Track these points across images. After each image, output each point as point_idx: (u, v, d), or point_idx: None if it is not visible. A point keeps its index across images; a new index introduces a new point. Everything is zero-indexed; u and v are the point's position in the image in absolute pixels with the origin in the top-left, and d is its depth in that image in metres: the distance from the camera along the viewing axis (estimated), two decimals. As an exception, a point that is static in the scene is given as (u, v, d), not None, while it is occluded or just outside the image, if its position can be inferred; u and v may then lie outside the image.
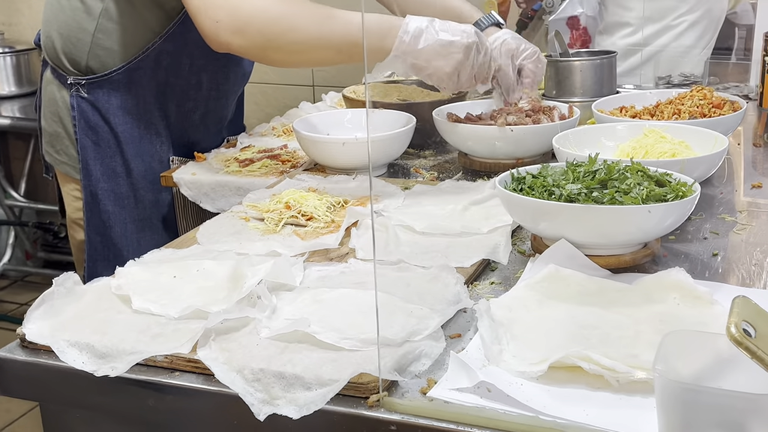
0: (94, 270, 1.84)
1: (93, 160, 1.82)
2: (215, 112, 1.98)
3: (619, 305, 1.12)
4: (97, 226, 1.86)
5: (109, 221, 1.85)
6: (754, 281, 1.22)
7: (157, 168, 1.88)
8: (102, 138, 1.82)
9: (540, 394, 0.95)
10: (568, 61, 2.12)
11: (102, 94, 1.80)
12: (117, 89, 1.80)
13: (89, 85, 1.80)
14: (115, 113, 1.81)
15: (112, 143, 1.82)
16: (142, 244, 1.85)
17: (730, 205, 1.52)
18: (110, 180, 1.84)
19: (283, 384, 0.98)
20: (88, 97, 1.80)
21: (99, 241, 1.86)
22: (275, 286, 1.20)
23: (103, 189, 1.84)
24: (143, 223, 1.87)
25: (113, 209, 1.85)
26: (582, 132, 1.65)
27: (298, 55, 1.60)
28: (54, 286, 1.18)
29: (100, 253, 1.87)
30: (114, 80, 1.80)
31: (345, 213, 1.48)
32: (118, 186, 1.84)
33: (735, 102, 1.77)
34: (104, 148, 1.83)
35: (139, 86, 1.82)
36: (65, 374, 1.07)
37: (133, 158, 1.84)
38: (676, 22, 2.55)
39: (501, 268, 1.30)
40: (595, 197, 1.21)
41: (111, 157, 1.83)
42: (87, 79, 1.79)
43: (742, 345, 0.81)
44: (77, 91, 1.80)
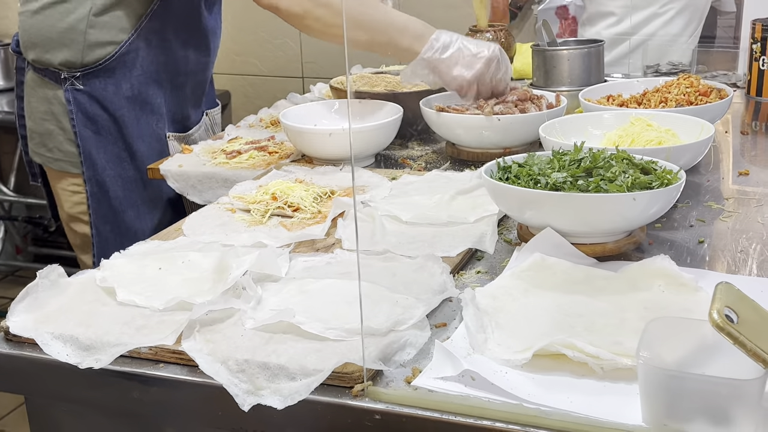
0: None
1: (96, 149, 1.85)
2: (200, 84, 2.04)
3: (605, 293, 1.12)
4: (106, 215, 1.88)
5: (120, 206, 1.88)
6: (740, 268, 1.22)
7: (157, 147, 1.92)
8: (102, 126, 1.85)
9: (524, 382, 0.95)
10: (555, 50, 2.12)
11: (98, 83, 1.83)
12: (111, 76, 1.84)
13: (84, 77, 1.83)
14: (111, 100, 1.85)
15: (112, 130, 1.86)
16: (156, 222, 1.90)
17: (717, 192, 1.52)
18: (116, 166, 1.87)
19: (268, 374, 0.98)
20: (84, 88, 1.83)
21: (108, 230, 1.89)
22: (260, 277, 1.19)
23: (110, 176, 1.87)
24: (153, 202, 1.92)
25: (123, 194, 1.88)
26: (569, 121, 1.64)
27: (336, 29, 1.69)
28: (38, 278, 1.18)
29: (111, 241, 1.88)
30: (108, 68, 1.83)
31: (332, 204, 1.47)
32: (124, 170, 1.88)
33: (722, 90, 1.77)
34: (105, 135, 1.86)
35: (132, 69, 1.86)
36: (50, 367, 1.07)
37: (135, 140, 1.88)
38: (663, 9, 2.55)
39: (487, 258, 1.30)
40: (580, 185, 1.21)
41: (114, 144, 1.87)
42: (81, 71, 1.82)
43: (724, 331, 0.82)
44: (72, 84, 1.83)
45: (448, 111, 1.76)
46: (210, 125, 2.15)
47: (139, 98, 1.88)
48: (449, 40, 1.73)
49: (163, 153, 1.95)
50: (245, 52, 3.61)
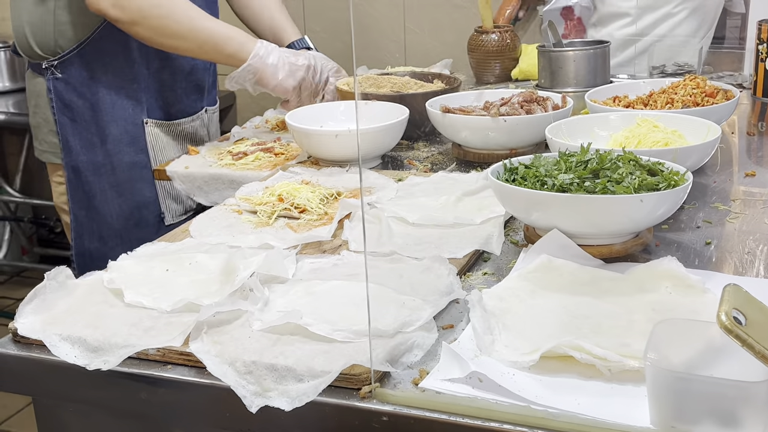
0: (81, 245, 1.93)
1: (72, 136, 1.90)
2: (183, 72, 2.03)
3: (612, 295, 1.12)
4: (81, 199, 1.93)
5: (91, 191, 1.93)
6: (747, 270, 1.22)
7: (132, 131, 1.94)
8: (77, 113, 1.90)
9: (532, 383, 0.95)
10: (561, 52, 2.12)
11: (74, 70, 1.88)
12: (86, 62, 1.88)
13: (62, 65, 1.87)
14: (88, 85, 1.89)
15: (87, 115, 1.91)
16: (123, 209, 1.93)
17: (724, 193, 1.51)
18: (88, 151, 1.91)
19: (275, 376, 0.98)
20: (62, 76, 1.88)
21: (84, 215, 1.94)
22: (267, 278, 1.19)
23: (83, 161, 1.91)
24: (121, 187, 1.93)
25: (93, 179, 1.92)
26: (575, 122, 1.64)
27: (164, 39, 1.83)
28: (46, 280, 1.18)
29: (86, 226, 1.94)
30: (82, 54, 1.87)
31: (338, 205, 1.48)
32: (95, 155, 1.92)
33: (728, 91, 1.77)
34: (80, 122, 1.91)
35: (106, 55, 1.89)
36: (58, 368, 1.07)
37: (108, 124, 1.92)
38: (676, 9, 2.53)
39: (494, 259, 1.30)
40: (587, 187, 1.21)
41: (87, 129, 1.91)
42: (58, 59, 1.87)
43: (732, 333, 0.82)
44: (52, 73, 1.88)
45: (454, 112, 1.76)
46: (206, 122, 2.14)
47: (113, 84, 1.91)
48: (271, 49, 1.88)
49: (137, 138, 1.95)
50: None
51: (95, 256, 1.92)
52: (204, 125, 2.13)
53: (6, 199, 4.03)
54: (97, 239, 1.90)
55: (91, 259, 1.91)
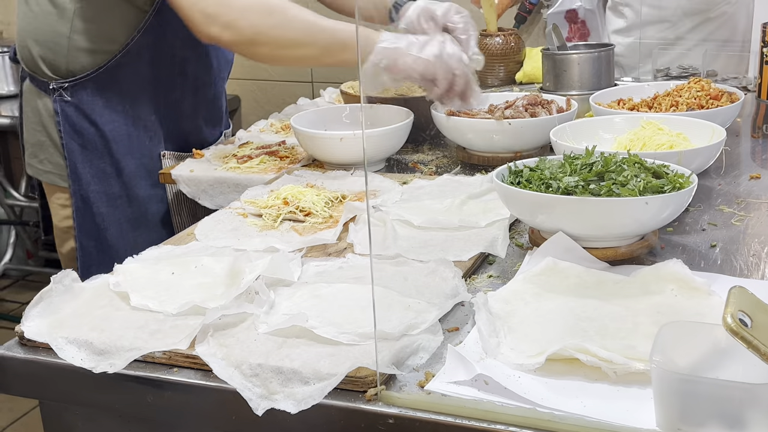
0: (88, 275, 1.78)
1: (81, 163, 1.80)
2: (205, 102, 1.97)
3: (617, 297, 1.12)
4: (90, 230, 1.83)
5: (103, 223, 1.82)
6: (752, 272, 1.22)
7: (148, 164, 1.85)
8: (89, 140, 1.80)
9: (537, 386, 0.95)
10: (565, 55, 2.12)
11: (86, 96, 1.77)
12: (101, 89, 1.78)
13: (72, 88, 1.77)
14: (101, 113, 1.79)
15: (99, 144, 1.80)
16: (139, 242, 1.80)
17: (729, 196, 1.51)
18: (101, 182, 1.81)
19: (281, 379, 0.98)
20: (72, 100, 1.77)
21: (93, 245, 1.83)
22: (273, 281, 1.20)
23: (95, 191, 1.81)
24: (138, 221, 1.85)
25: (107, 210, 1.82)
26: (579, 125, 1.64)
27: (285, 50, 1.62)
28: (52, 283, 1.18)
29: (95, 258, 1.83)
30: (97, 80, 1.77)
31: (343, 208, 1.48)
32: (109, 187, 1.82)
33: (733, 93, 1.77)
34: (92, 150, 1.80)
35: (124, 83, 1.79)
36: (64, 371, 1.07)
37: (123, 157, 1.82)
38: (715, 14, 2.53)
39: (499, 262, 1.30)
40: (592, 189, 1.21)
41: (100, 158, 1.81)
42: (70, 82, 1.77)
43: (738, 335, 0.82)
44: (60, 95, 1.77)
45: (458, 115, 1.76)
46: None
47: (130, 114, 1.80)
48: (396, 36, 1.63)
49: (154, 171, 1.87)
50: (255, 56, 3.62)
51: None
52: None
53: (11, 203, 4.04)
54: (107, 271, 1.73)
55: None
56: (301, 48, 1.62)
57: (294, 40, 1.61)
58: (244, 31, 1.59)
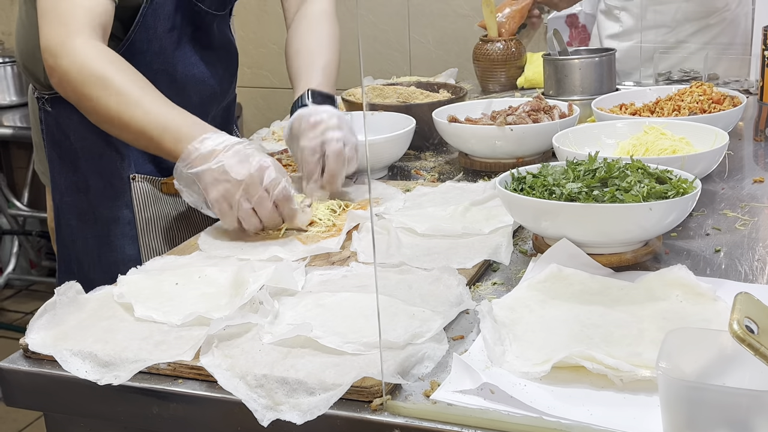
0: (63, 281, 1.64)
1: (59, 174, 1.77)
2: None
3: (622, 303, 1.12)
4: (64, 239, 1.80)
5: (72, 235, 1.79)
6: (757, 277, 1.21)
7: (117, 185, 1.74)
8: (65, 152, 1.76)
9: (544, 394, 0.95)
10: (567, 60, 2.12)
11: (63, 109, 1.71)
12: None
13: (52, 100, 1.73)
14: (75, 129, 1.73)
15: (73, 158, 1.75)
16: (102, 261, 1.76)
17: (732, 200, 1.51)
18: (73, 194, 1.77)
19: (286, 389, 0.98)
20: (52, 111, 1.74)
21: (66, 254, 1.81)
22: (277, 291, 1.19)
23: (67, 203, 1.78)
24: (101, 239, 1.76)
25: (76, 224, 1.78)
26: (582, 130, 1.64)
27: (106, 125, 1.53)
28: (56, 295, 1.18)
29: (67, 265, 1.81)
30: None
31: (346, 217, 1.48)
32: (80, 201, 1.77)
33: (735, 97, 1.77)
34: (67, 162, 1.76)
35: None
36: (69, 384, 1.07)
37: (91, 175, 1.75)
38: (715, 20, 2.53)
39: (503, 269, 1.30)
40: (596, 196, 1.21)
41: (73, 172, 1.76)
42: (49, 94, 1.73)
43: (744, 342, 0.81)
44: (43, 105, 1.75)
45: (460, 122, 1.76)
46: None
47: (102, 134, 1.65)
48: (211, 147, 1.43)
49: (122, 193, 1.73)
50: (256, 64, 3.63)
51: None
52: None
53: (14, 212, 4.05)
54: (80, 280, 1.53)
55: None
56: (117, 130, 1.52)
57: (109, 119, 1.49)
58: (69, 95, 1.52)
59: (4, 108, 3.82)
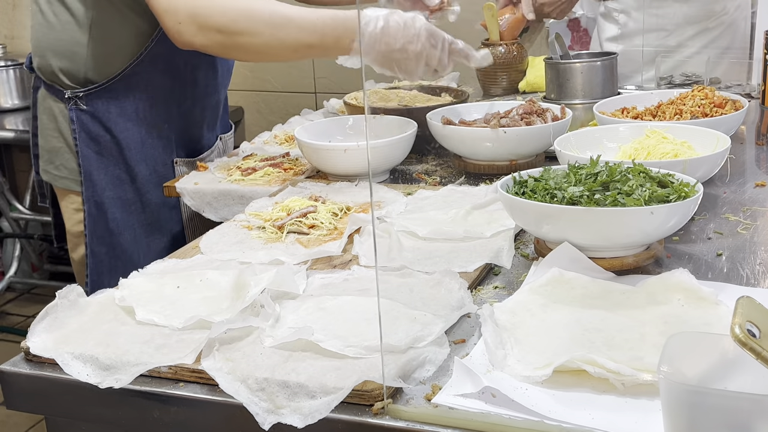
0: (99, 282, 1.82)
1: (96, 170, 1.84)
2: (211, 108, 2.02)
3: (624, 307, 1.12)
4: (102, 236, 1.86)
5: (117, 229, 1.86)
6: (759, 281, 1.21)
7: (161, 171, 1.90)
8: (104, 147, 1.84)
9: (545, 398, 0.94)
10: (569, 63, 2.12)
11: (101, 104, 1.82)
12: (115, 97, 1.82)
13: (87, 97, 1.81)
14: (115, 121, 1.83)
15: (114, 151, 1.85)
16: (152, 247, 1.88)
17: (734, 204, 1.51)
18: (116, 187, 1.86)
19: (288, 393, 0.98)
20: (87, 108, 1.82)
21: (104, 252, 1.87)
22: (278, 294, 1.19)
23: (109, 197, 1.85)
24: (151, 226, 1.90)
25: (121, 216, 1.86)
26: (584, 134, 1.64)
27: (256, 54, 1.73)
28: (57, 298, 1.18)
29: (105, 264, 1.87)
30: (111, 89, 1.81)
31: (347, 220, 1.48)
32: (124, 192, 1.87)
33: (737, 101, 1.77)
34: (107, 157, 1.85)
35: (137, 91, 1.84)
36: (70, 387, 1.07)
37: (137, 164, 1.86)
38: (713, 24, 2.52)
39: (504, 272, 1.30)
40: (597, 199, 1.21)
41: (115, 165, 1.85)
42: (85, 91, 1.81)
43: (746, 346, 0.81)
44: (75, 104, 1.81)
45: (454, 124, 1.76)
46: (222, 149, 2.13)
47: (143, 122, 1.85)
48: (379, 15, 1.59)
49: (166, 178, 1.91)
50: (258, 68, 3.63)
51: None
52: (220, 153, 2.11)
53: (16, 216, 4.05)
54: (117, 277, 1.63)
55: None
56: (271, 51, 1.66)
57: (262, 44, 1.64)
58: (214, 37, 1.64)
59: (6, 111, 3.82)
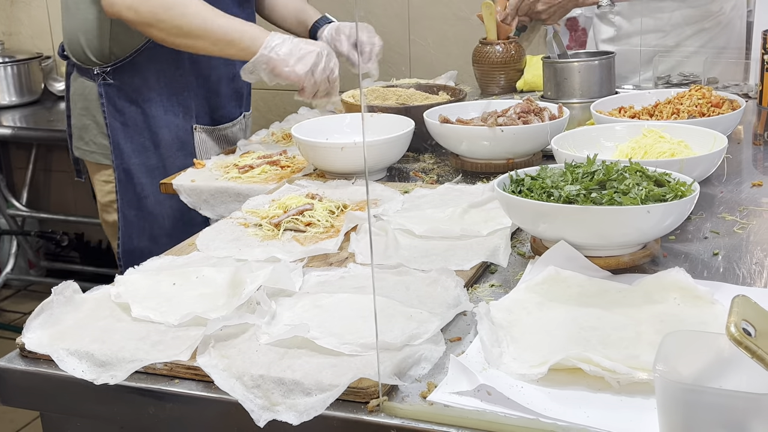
0: (130, 243, 2.07)
1: (123, 139, 2.03)
2: (227, 79, 2.12)
3: (620, 306, 1.12)
4: (131, 200, 2.05)
5: (143, 192, 2.05)
6: (755, 280, 1.21)
7: (183, 137, 2.08)
8: (129, 118, 2.03)
9: (540, 396, 0.94)
10: (566, 63, 2.12)
11: (127, 77, 2.01)
12: (139, 70, 2.01)
13: (114, 72, 2.00)
14: (139, 91, 2.02)
15: (139, 121, 2.03)
16: (174, 208, 2.04)
17: (731, 204, 1.51)
18: (140, 155, 2.04)
19: (283, 390, 0.98)
20: (114, 82, 2.01)
21: (134, 215, 2.06)
22: (274, 291, 1.19)
23: (135, 164, 2.04)
24: None
25: (146, 180, 2.04)
26: (581, 133, 1.64)
27: (178, 38, 1.90)
28: (53, 294, 1.18)
29: (136, 225, 2.07)
30: (135, 62, 1.99)
31: (344, 218, 1.47)
32: (148, 159, 2.05)
33: (734, 101, 1.77)
34: (132, 126, 2.03)
35: (159, 62, 2.01)
36: (65, 383, 1.07)
37: (160, 130, 2.05)
38: (710, 24, 2.52)
39: (501, 271, 1.30)
40: (594, 198, 1.21)
41: (140, 134, 2.04)
42: (111, 66, 1.99)
43: (742, 344, 0.81)
44: (104, 79, 2.00)
45: (451, 122, 1.76)
46: (244, 127, 2.27)
47: (164, 91, 2.03)
48: (282, 39, 1.90)
49: (186, 143, 2.08)
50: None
51: (145, 254, 1.91)
52: (242, 130, 2.24)
53: (13, 213, 4.04)
54: (147, 238, 2.05)
55: (141, 255, 1.92)
56: (193, 39, 1.89)
57: (188, 32, 1.88)
58: (145, 14, 1.86)
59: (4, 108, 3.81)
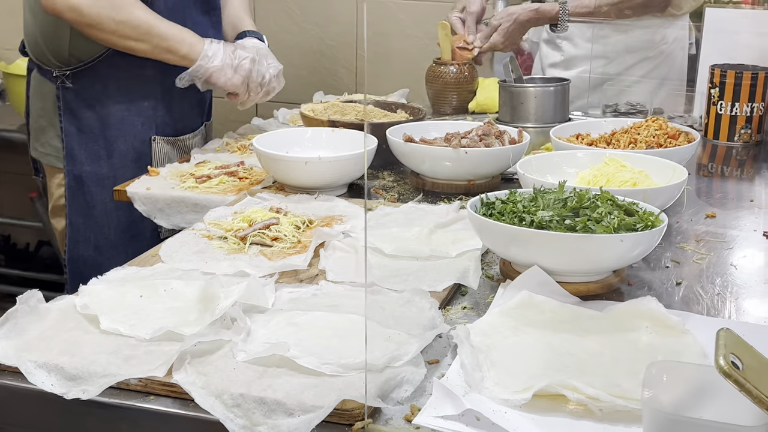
0: (76, 251, 2.01)
1: (77, 145, 1.98)
2: (193, 88, 2.05)
3: (592, 333, 1.14)
4: (80, 207, 2.00)
5: (92, 201, 1.99)
6: (720, 311, 1.24)
7: (139, 147, 2.02)
8: (85, 124, 1.98)
9: (525, 422, 0.95)
10: (523, 87, 2.15)
11: (86, 82, 1.96)
12: (100, 76, 1.96)
13: (73, 75, 1.96)
14: (98, 98, 1.97)
15: (95, 128, 1.98)
16: (122, 220, 1.99)
17: (687, 234, 1.55)
18: (93, 162, 1.99)
19: (265, 410, 0.96)
20: (73, 86, 1.96)
21: (81, 222, 2.00)
22: (247, 307, 1.17)
23: (87, 172, 1.99)
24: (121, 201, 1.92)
25: (95, 190, 1.99)
26: (543, 158, 1.66)
27: (122, 40, 1.89)
28: (18, 304, 1.14)
29: (82, 234, 2.01)
30: (96, 68, 1.95)
31: (310, 233, 1.46)
32: (99, 168, 1.99)
33: (689, 133, 1.82)
34: (87, 133, 1.98)
35: (121, 70, 1.97)
36: (32, 397, 1.03)
37: (115, 139, 2.00)
38: (654, 53, 2.59)
39: (471, 293, 1.30)
40: (568, 225, 1.22)
41: (94, 141, 1.99)
42: (71, 69, 1.95)
43: (731, 377, 0.83)
44: (62, 82, 1.96)
45: (415, 142, 1.77)
46: (204, 136, 2.23)
47: (124, 99, 1.99)
48: (216, 49, 1.95)
49: (143, 155, 2.02)
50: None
51: (89, 263, 1.97)
52: (202, 139, 2.21)
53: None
54: (92, 248, 2.00)
55: (84, 266, 1.97)
56: (134, 42, 1.89)
57: (129, 35, 1.88)
58: (88, 16, 1.85)
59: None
